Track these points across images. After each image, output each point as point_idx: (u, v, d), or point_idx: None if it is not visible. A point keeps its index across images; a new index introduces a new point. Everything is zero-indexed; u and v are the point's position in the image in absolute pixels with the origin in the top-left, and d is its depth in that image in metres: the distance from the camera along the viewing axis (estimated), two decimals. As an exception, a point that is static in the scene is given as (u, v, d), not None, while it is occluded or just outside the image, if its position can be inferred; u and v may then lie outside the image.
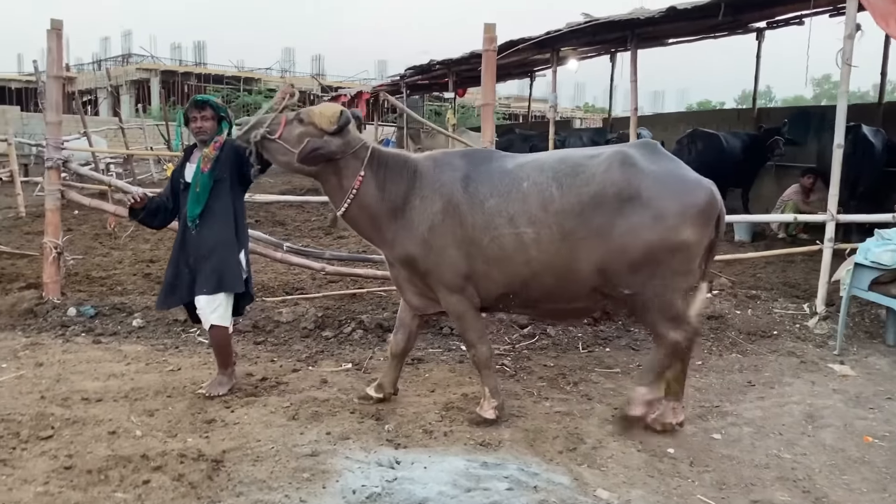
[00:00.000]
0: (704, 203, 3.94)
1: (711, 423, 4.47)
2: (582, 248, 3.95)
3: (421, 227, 4.16)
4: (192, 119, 4.69)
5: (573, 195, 3.97)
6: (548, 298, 4.21)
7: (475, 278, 4.18)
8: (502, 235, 4.04)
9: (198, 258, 4.63)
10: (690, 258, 3.96)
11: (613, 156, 4.01)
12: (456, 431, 4.22)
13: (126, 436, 4.08)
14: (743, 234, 10.89)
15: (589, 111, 53.21)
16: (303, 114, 4.21)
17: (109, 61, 45.82)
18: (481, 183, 4.15)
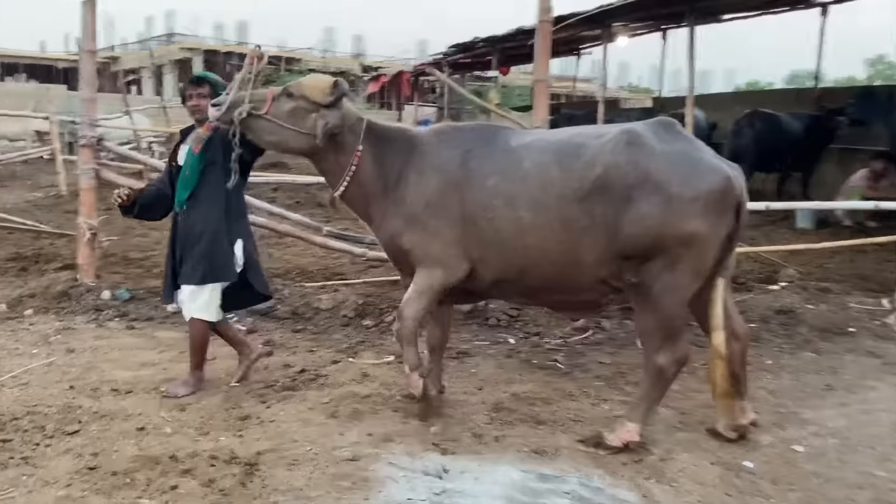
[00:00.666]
0: (720, 189, 3.50)
1: (791, 432, 4.05)
2: (585, 237, 3.58)
3: (414, 204, 3.84)
4: (188, 97, 4.38)
5: (575, 178, 3.58)
6: (547, 289, 3.87)
7: (473, 260, 3.83)
8: (499, 217, 3.70)
9: (186, 245, 4.33)
10: (703, 252, 3.53)
11: (620, 135, 3.60)
12: (508, 436, 3.87)
13: (155, 433, 3.82)
14: (805, 221, 10.27)
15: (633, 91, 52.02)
16: (292, 87, 3.91)
17: (153, 41, 46.13)
18: (483, 160, 3.81)
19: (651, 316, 3.64)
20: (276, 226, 6.55)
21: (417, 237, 3.85)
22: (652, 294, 3.57)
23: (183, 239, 4.35)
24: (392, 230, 3.93)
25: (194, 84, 4.38)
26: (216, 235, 4.30)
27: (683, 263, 3.52)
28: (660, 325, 3.63)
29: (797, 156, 12.02)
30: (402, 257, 4.01)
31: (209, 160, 4.27)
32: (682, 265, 3.53)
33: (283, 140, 3.91)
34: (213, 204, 4.31)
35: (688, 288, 3.62)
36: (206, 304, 4.38)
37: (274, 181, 10.52)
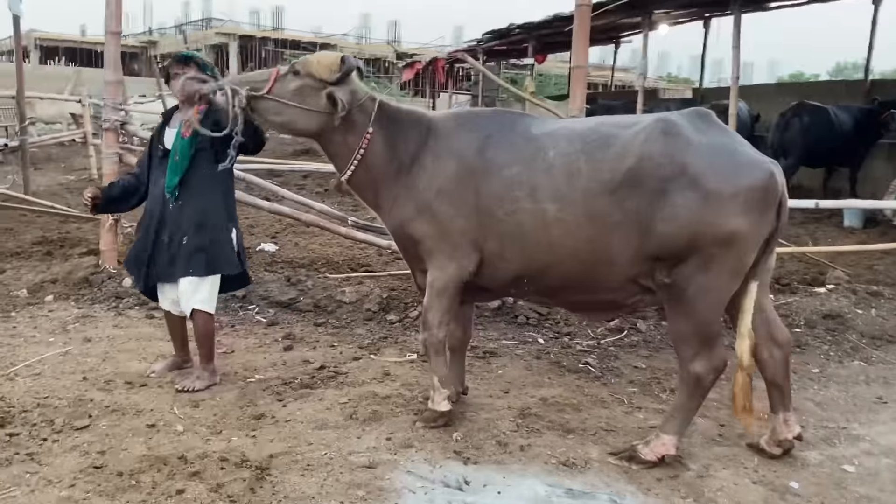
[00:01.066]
0: (763, 185, 3.20)
1: (840, 449, 3.75)
2: (615, 234, 3.30)
3: (428, 190, 3.61)
4: (173, 76, 4.18)
5: (605, 170, 3.30)
6: (570, 288, 3.59)
7: (484, 256, 3.59)
8: (521, 210, 3.43)
9: (178, 235, 4.12)
10: (742, 253, 3.24)
11: (654, 124, 3.31)
12: (534, 446, 3.64)
13: (166, 430, 3.67)
14: (854, 219, 9.84)
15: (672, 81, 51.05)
16: (298, 65, 3.68)
17: (190, 26, 46.40)
18: (503, 148, 3.54)
19: (685, 320, 3.37)
20: (300, 215, 6.38)
21: (428, 226, 3.63)
22: (686, 297, 3.30)
23: (174, 227, 4.13)
24: (402, 217, 3.71)
25: (180, 63, 4.18)
26: (216, 225, 4.15)
27: (721, 264, 3.24)
28: (695, 331, 3.36)
29: (845, 150, 11.53)
30: (411, 247, 3.79)
31: (200, 145, 4.08)
32: (720, 266, 3.24)
33: (290, 120, 3.71)
34: (209, 192, 4.14)
35: (725, 291, 3.34)
36: (210, 296, 4.24)
37: (300, 168, 10.34)
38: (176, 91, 4.21)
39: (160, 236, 4.17)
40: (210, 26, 45.08)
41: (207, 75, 4.19)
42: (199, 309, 4.20)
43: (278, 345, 5.02)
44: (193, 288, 4.17)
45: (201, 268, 4.12)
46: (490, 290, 3.88)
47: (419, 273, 3.93)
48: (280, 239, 8.43)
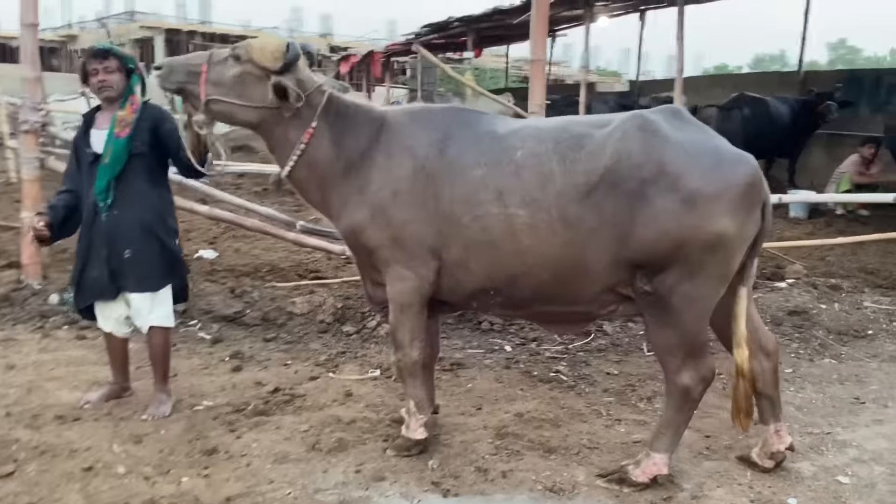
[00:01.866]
0: (748, 182, 2.99)
1: (830, 458, 3.61)
2: (592, 239, 3.04)
3: (382, 191, 3.28)
4: (91, 73, 3.77)
5: (579, 173, 3.04)
6: (542, 299, 3.30)
7: (444, 265, 3.28)
8: (487, 215, 3.14)
9: (118, 247, 3.74)
10: (729, 257, 3.02)
11: (630, 121, 3.07)
12: (516, 470, 3.37)
13: (105, 473, 3.26)
14: (799, 210, 9.93)
15: (602, 74, 51.71)
16: (240, 49, 3.32)
17: (112, 19, 44.50)
18: (466, 147, 3.24)
19: (670, 330, 3.13)
20: (243, 220, 5.96)
21: (383, 232, 3.29)
22: (670, 306, 3.06)
23: (112, 239, 3.73)
24: (354, 222, 3.36)
25: (99, 58, 3.75)
26: (160, 234, 3.79)
27: (706, 270, 3.02)
28: (681, 341, 3.14)
29: (785, 141, 11.68)
30: (366, 256, 3.47)
31: (136, 150, 3.70)
32: (705, 272, 3.02)
33: (229, 110, 3.36)
34: (148, 199, 3.78)
35: (711, 298, 3.12)
36: (168, 311, 3.91)
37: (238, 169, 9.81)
38: (95, 88, 3.78)
39: (97, 250, 3.76)
40: (134, 20, 43.33)
41: (129, 68, 3.79)
42: (157, 326, 3.83)
43: (226, 365, 4.62)
44: (148, 304, 3.80)
45: (153, 281, 3.77)
46: (450, 303, 3.56)
47: (370, 283, 3.62)
48: (219, 244, 7.93)
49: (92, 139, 3.79)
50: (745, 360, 3.18)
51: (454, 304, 3.59)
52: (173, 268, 3.88)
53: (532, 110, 5.32)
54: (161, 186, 3.89)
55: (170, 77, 3.38)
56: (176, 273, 3.92)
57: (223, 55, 3.35)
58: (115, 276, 3.75)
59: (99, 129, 3.79)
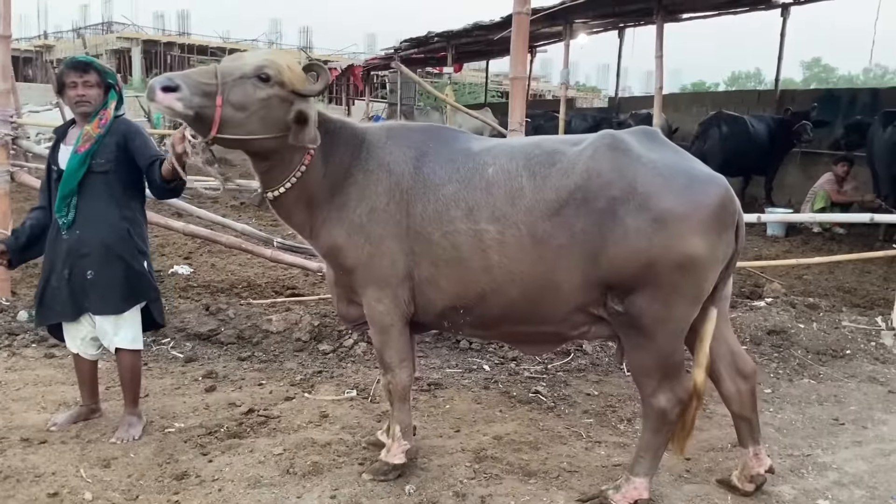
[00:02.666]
0: (719, 204, 2.96)
1: (810, 481, 3.58)
2: (562, 258, 3.00)
3: (359, 208, 3.21)
4: (69, 85, 3.64)
5: (549, 189, 3.01)
6: (512, 318, 3.25)
7: (416, 283, 3.22)
8: (457, 231, 3.09)
9: (80, 267, 3.63)
10: (701, 278, 2.99)
11: (600, 139, 3.06)
12: (495, 495, 3.30)
13: (71, 499, 3.15)
14: (776, 228, 10.00)
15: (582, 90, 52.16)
16: (268, 69, 2.99)
17: (89, 29, 44.12)
18: (440, 164, 3.19)
19: (644, 352, 3.10)
20: (219, 237, 5.86)
21: (360, 251, 3.21)
22: (643, 327, 3.03)
23: (73, 258, 3.63)
24: (332, 240, 3.28)
25: (79, 70, 3.62)
26: (124, 255, 3.67)
27: (678, 291, 2.98)
28: (656, 363, 3.10)
29: (761, 159, 11.80)
30: (343, 277, 3.39)
31: (100, 167, 3.60)
32: (677, 293, 2.98)
33: (246, 140, 3.07)
34: (111, 218, 3.65)
35: (684, 319, 3.08)
36: (135, 332, 3.80)
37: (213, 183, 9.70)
38: (72, 102, 3.67)
39: (58, 269, 3.66)
40: (111, 30, 43.04)
41: (109, 83, 3.70)
42: (125, 348, 3.73)
43: (199, 385, 4.52)
44: (112, 326, 3.70)
45: (116, 304, 3.66)
46: (421, 323, 3.48)
47: (344, 301, 3.54)
48: (194, 260, 7.83)
49: (60, 155, 3.70)
50: (702, 382, 3.15)
51: (426, 324, 3.53)
52: (139, 290, 3.74)
53: (512, 128, 5.30)
54: (128, 206, 3.74)
55: (193, 100, 2.92)
56: (142, 296, 3.77)
57: (238, 73, 2.99)
58: (75, 297, 3.65)
59: (67, 145, 3.70)
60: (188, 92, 2.90)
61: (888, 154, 9.03)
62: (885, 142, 9.07)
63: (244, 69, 2.99)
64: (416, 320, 3.41)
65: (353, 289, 3.40)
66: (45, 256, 3.74)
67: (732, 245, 3.09)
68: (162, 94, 2.86)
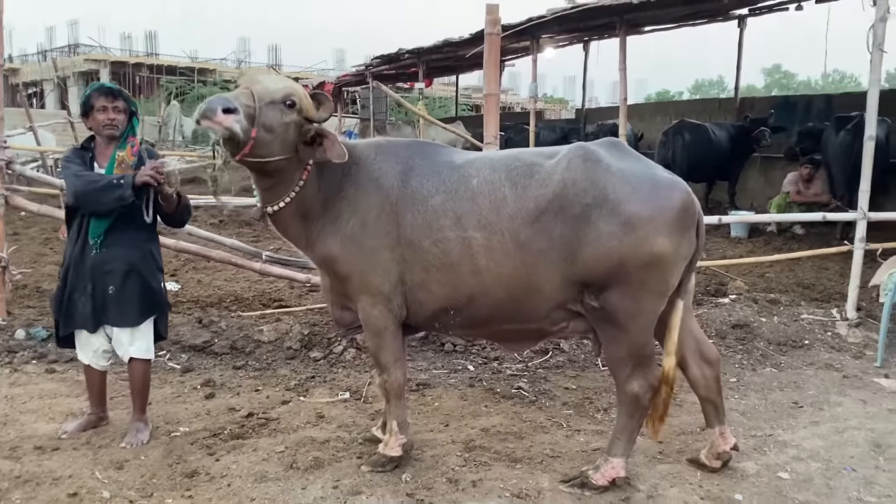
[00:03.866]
0: (681, 206, 3.30)
1: (772, 457, 3.92)
2: (542, 260, 3.32)
3: (351, 221, 3.49)
4: (98, 109, 3.90)
5: (529, 198, 3.33)
6: (498, 318, 3.56)
7: (408, 288, 3.51)
8: (447, 239, 3.38)
9: (102, 284, 3.90)
10: (667, 274, 3.33)
11: (574, 151, 3.39)
12: (485, 479, 3.59)
13: (90, 498, 3.37)
14: (739, 230, 10.43)
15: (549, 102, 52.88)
16: (294, 96, 3.30)
17: (56, 52, 43.85)
18: (426, 177, 3.49)
19: (618, 343, 3.42)
20: (209, 252, 6.08)
21: (354, 260, 3.50)
22: (616, 320, 3.35)
23: (97, 275, 3.89)
24: (327, 251, 3.56)
25: (110, 96, 3.91)
26: (144, 272, 3.94)
27: (647, 287, 3.30)
28: (628, 352, 3.42)
29: (723, 165, 12.26)
30: (338, 284, 3.67)
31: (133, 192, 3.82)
32: (646, 288, 3.31)
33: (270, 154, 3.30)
34: (135, 239, 3.93)
35: (653, 312, 3.41)
36: (148, 344, 4.06)
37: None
38: (100, 125, 3.92)
39: (83, 282, 3.91)
40: (77, 52, 42.79)
41: (132, 110, 3.99)
42: (138, 358, 3.98)
43: (198, 393, 4.75)
44: (128, 337, 3.95)
45: (133, 318, 3.91)
46: (414, 325, 3.76)
47: (338, 307, 3.81)
48: (181, 276, 8.02)
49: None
50: (672, 368, 3.48)
51: (418, 326, 3.80)
52: (153, 305, 4.02)
53: (487, 141, 5.62)
54: (151, 227, 4.01)
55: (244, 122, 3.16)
56: (156, 309, 4.05)
57: (269, 98, 3.24)
58: (96, 311, 3.89)
59: (99, 166, 3.94)
60: (242, 114, 3.15)
61: (842, 157, 9.49)
62: (839, 145, 9.54)
63: (275, 95, 3.26)
64: (409, 323, 3.68)
65: (346, 295, 3.67)
66: (67, 267, 3.97)
67: (694, 243, 3.42)
68: (223, 115, 3.11)
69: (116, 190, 3.71)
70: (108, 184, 3.73)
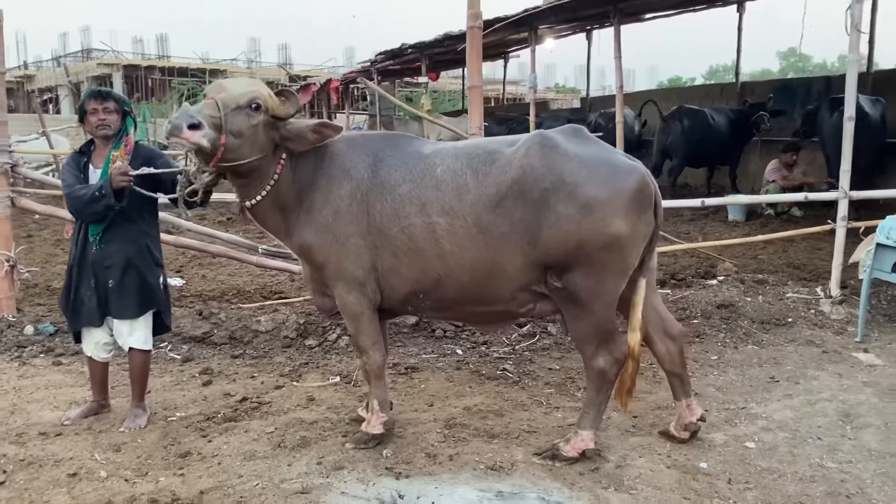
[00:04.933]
0: (637, 188, 3.43)
1: (741, 428, 4.07)
2: (505, 243, 3.47)
3: (324, 210, 3.67)
4: (90, 112, 4.13)
5: (490, 184, 3.48)
6: (465, 300, 3.72)
7: (380, 274, 3.70)
8: (413, 225, 3.55)
9: (104, 278, 4.11)
10: (626, 254, 3.47)
11: (532, 138, 3.54)
12: (462, 454, 3.77)
13: (89, 478, 3.58)
14: (737, 213, 10.52)
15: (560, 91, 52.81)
16: (259, 99, 3.49)
17: (69, 57, 44.45)
18: (394, 167, 3.67)
19: (582, 321, 3.58)
20: (208, 247, 6.30)
21: (329, 248, 3.68)
22: (579, 299, 3.50)
23: (98, 270, 4.11)
24: (303, 240, 3.74)
25: (100, 98, 4.13)
26: (143, 267, 4.14)
27: (607, 267, 3.45)
28: (593, 329, 3.58)
29: (723, 150, 12.31)
30: (315, 272, 3.87)
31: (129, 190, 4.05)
32: (606, 268, 3.45)
33: (241, 156, 3.51)
34: (133, 232, 4.13)
35: (614, 290, 3.56)
36: (146, 335, 4.27)
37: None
38: (93, 127, 4.13)
39: (86, 278, 4.13)
40: (90, 57, 43.35)
41: (125, 110, 4.19)
42: (137, 348, 4.20)
43: (196, 380, 4.96)
44: (127, 328, 4.17)
45: (132, 310, 4.13)
46: (388, 309, 3.94)
47: (318, 294, 4.01)
48: (186, 272, 8.26)
49: (90, 176, 4.15)
50: (637, 343, 3.64)
51: (392, 309, 3.98)
52: (151, 299, 4.21)
53: (472, 132, 5.78)
54: (148, 223, 4.23)
55: (211, 134, 3.37)
56: (154, 303, 4.23)
57: (234, 104, 3.43)
58: (100, 304, 4.12)
59: (96, 168, 4.15)
60: (208, 127, 3.36)
61: (837, 138, 9.51)
62: (834, 126, 9.55)
63: (239, 101, 3.46)
64: (384, 307, 3.87)
65: (324, 282, 3.86)
66: (74, 268, 4.19)
67: (652, 223, 3.57)
68: (189, 131, 3.32)
69: (101, 200, 3.92)
70: (93, 196, 3.93)
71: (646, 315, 3.74)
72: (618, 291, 3.57)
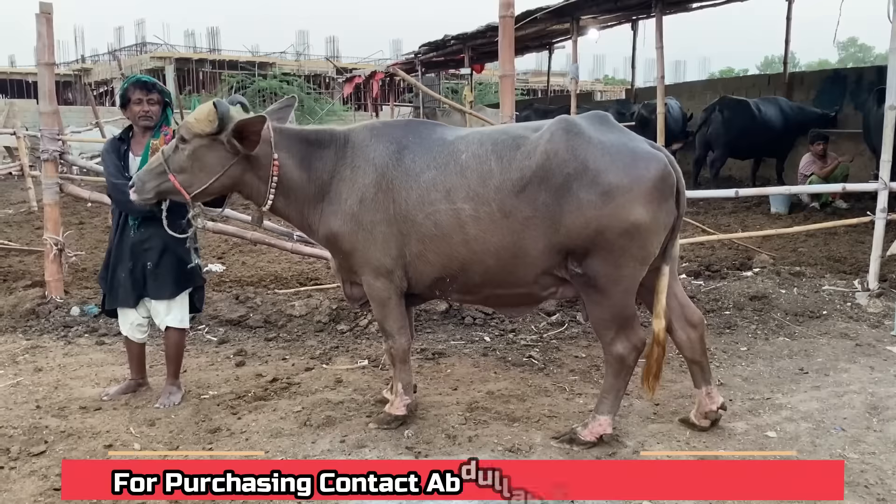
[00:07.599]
0: (658, 177, 3.43)
1: (764, 418, 4.05)
2: (528, 228, 3.50)
3: (350, 199, 3.74)
4: (135, 101, 4.26)
5: (515, 170, 3.51)
6: (490, 283, 3.76)
7: (407, 261, 3.76)
8: (438, 211, 3.60)
9: (141, 261, 4.28)
10: (646, 242, 3.47)
11: (557, 124, 3.54)
12: (482, 436, 3.84)
13: (123, 449, 3.75)
14: (779, 205, 10.33)
15: (609, 83, 52.19)
16: (182, 131, 3.70)
17: (124, 51, 45.62)
18: (419, 154, 3.71)
19: (601, 307, 3.60)
20: (245, 233, 6.47)
21: (355, 236, 3.75)
22: (599, 285, 3.52)
23: (137, 253, 4.28)
24: (330, 229, 3.82)
25: (145, 89, 4.27)
26: (180, 250, 4.26)
27: (627, 254, 3.46)
28: (612, 315, 3.61)
29: (769, 141, 12.07)
30: (343, 260, 3.95)
31: None
32: (626, 255, 3.46)
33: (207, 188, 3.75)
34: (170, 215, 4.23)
35: (634, 277, 3.57)
36: (182, 315, 4.43)
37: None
38: (136, 116, 4.29)
39: (124, 260, 4.30)
40: (145, 51, 44.43)
41: (166, 102, 4.34)
42: (174, 327, 4.36)
43: (230, 362, 5.13)
44: (165, 308, 4.35)
45: (169, 290, 4.30)
46: (416, 294, 4.01)
47: (348, 284, 4.10)
48: (227, 259, 8.50)
49: (130, 163, 4.32)
50: (662, 329, 3.66)
51: (420, 295, 4.06)
52: (188, 279, 4.37)
53: (504, 121, 5.81)
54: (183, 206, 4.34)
55: (144, 188, 3.77)
56: (190, 283, 4.41)
57: (170, 147, 3.76)
58: (136, 285, 4.30)
59: (136, 156, 4.31)
60: (140, 184, 3.79)
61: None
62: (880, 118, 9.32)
63: (173, 142, 3.73)
64: (411, 292, 3.95)
65: (352, 271, 3.95)
66: (114, 250, 4.38)
67: (674, 212, 3.57)
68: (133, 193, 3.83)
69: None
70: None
71: (667, 302, 3.74)
72: (637, 279, 3.58)
